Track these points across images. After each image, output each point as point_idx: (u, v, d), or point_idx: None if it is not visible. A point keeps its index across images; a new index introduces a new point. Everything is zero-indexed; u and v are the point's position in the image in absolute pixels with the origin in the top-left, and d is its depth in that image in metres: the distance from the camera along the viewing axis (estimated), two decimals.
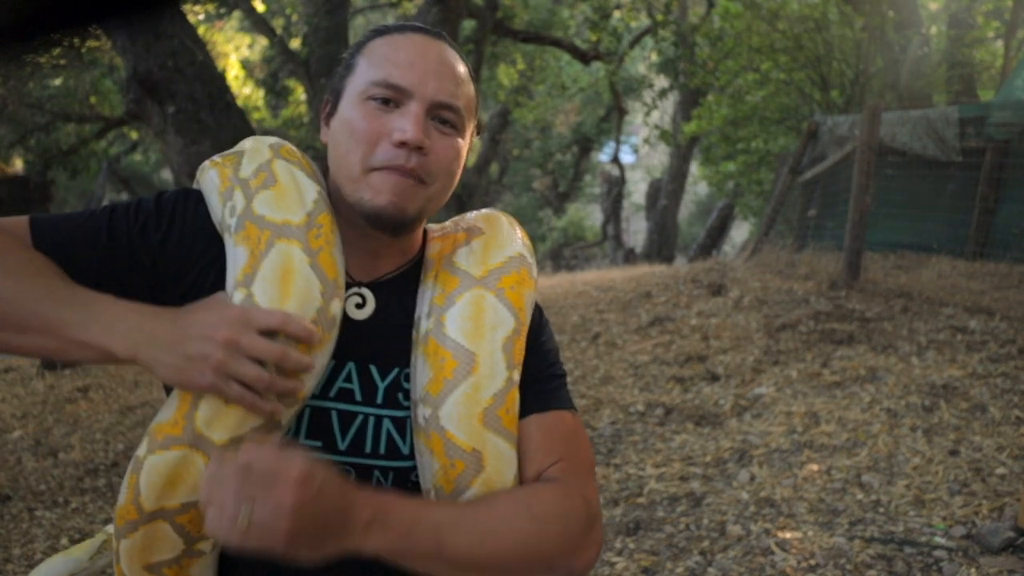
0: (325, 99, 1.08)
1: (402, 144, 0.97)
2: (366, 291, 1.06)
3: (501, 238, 1.10)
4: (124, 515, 0.94)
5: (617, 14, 10.39)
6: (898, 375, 3.92)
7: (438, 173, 1.01)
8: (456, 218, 1.16)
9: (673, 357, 4.78)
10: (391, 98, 0.99)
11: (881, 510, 2.84)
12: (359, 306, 1.04)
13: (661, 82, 13.67)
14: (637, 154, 25.06)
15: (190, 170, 5.38)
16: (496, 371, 0.99)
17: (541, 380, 1.06)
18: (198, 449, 0.91)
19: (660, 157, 22.79)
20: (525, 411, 1.03)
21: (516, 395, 1.01)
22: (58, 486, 3.72)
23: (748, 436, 3.59)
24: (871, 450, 3.26)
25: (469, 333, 1.00)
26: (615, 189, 17.73)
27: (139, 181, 17.07)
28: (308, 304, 0.93)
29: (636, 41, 13.26)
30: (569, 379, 4.59)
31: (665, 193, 16.29)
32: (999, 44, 9.40)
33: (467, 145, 1.07)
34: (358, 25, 14.30)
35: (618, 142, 16.62)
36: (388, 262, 1.08)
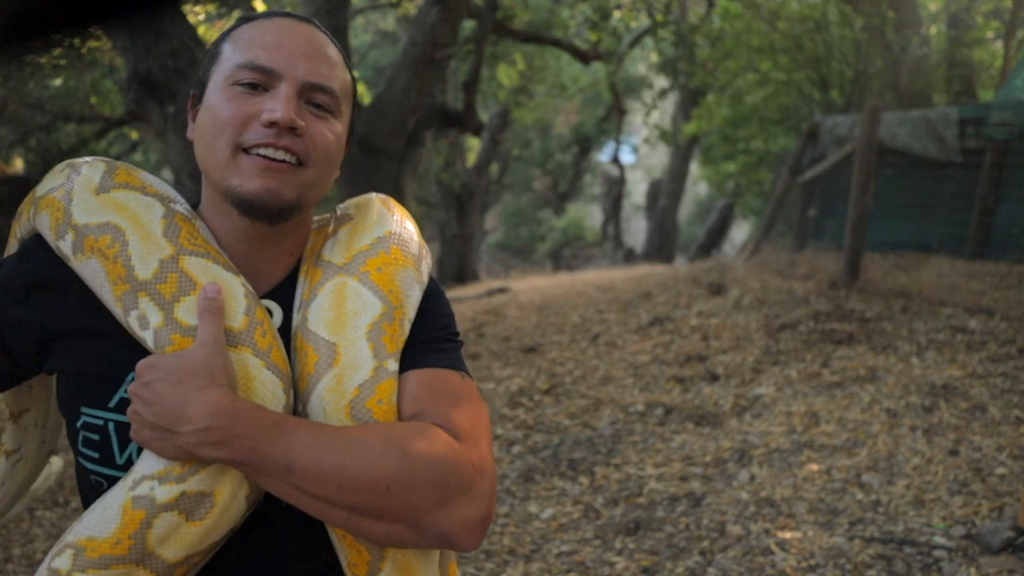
0: (191, 93, 1.01)
1: (272, 124, 0.91)
2: (269, 302, 1.00)
3: (369, 221, 1.04)
4: None
5: (617, 14, 10.38)
6: (898, 375, 3.92)
7: (316, 157, 0.95)
8: (337, 207, 1.10)
9: (673, 357, 4.78)
10: (259, 82, 0.93)
11: (881, 510, 2.85)
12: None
13: (661, 82, 13.67)
14: (637, 154, 25.06)
15: (190, 170, 5.38)
16: (360, 361, 0.93)
17: (423, 343, 0.99)
18: (145, 567, 0.87)
19: (660, 157, 22.79)
20: (403, 370, 0.96)
21: (392, 385, 0.94)
22: (58, 486, 3.72)
23: (748, 436, 3.59)
24: (871, 450, 3.26)
25: (330, 323, 0.94)
26: (615, 189, 17.74)
27: None
28: (274, 405, 0.91)
29: (636, 41, 13.25)
30: (569, 379, 4.61)
31: (665, 193, 16.29)
32: (999, 44, 9.39)
33: (344, 134, 1.01)
34: (358, 25, 14.30)
35: (618, 142, 16.62)
36: (279, 265, 1.02)
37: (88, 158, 1.02)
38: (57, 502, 3.60)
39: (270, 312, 0.99)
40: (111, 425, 0.94)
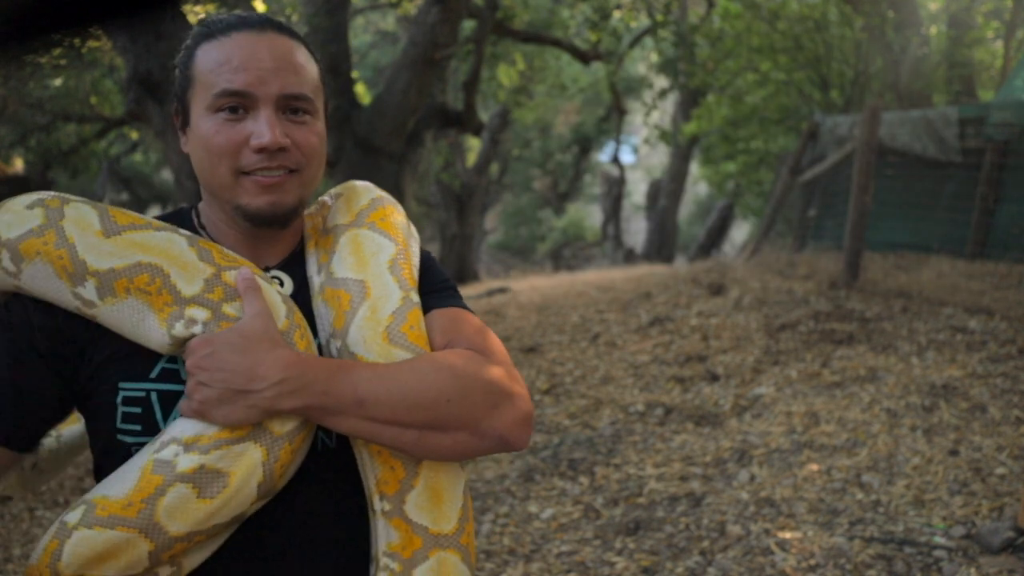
0: (175, 107, 1.08)
1: (262, 150, 0.99)
2: (280, 272, 1.10)
3: (359, 191, 1.16)
4: (33, 574, 0.92)
5: (617, 14, 10.38)
6: (898, 375, 3.92)
7: (306, 161, 1.04)
8: (325, 195, 1.21)
9: (673, 357, 4.78)
10: (238, 105, 1.00)
11: (881, 510, 2.85)
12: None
13: (661, 82, 13.67)
14: (637, 154, 25.05)
15: (190, 170, 5.37)
16: (389, 291, 1.04)
17: (437, 291, 1.12)
18: (147, 536, 0.89)
19: (660, 157, 22.79)
20: (426, 311, 1.08)
21: (419, 314, 1.05)
22: (58, 486, 3.72)
23: (748, 436, 3.59)
24: (871, 450, 3.26)
25: (354, 266, 1.05)
26: (615, 189, 17.73)
27: (139, 181, 17.07)
28: None
29: (636, 41, 13.25)
30: (569, 379, 4.62)
31: (665, 193, 16.28)
32: (999, 44, 9.39)
33: (324, 123, 1.09)
34: (358, 25, 14.30)
35: (618, 142, 16.62)
36: (282, 246, 1.12)
37: (48, 194, 0.98)
38: (57, 502, 3.60)
39: (281, 282, 1.09)
40: (153, 395, 0.99)
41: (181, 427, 0.93)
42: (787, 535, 2.74)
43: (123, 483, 0.91)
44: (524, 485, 3.47)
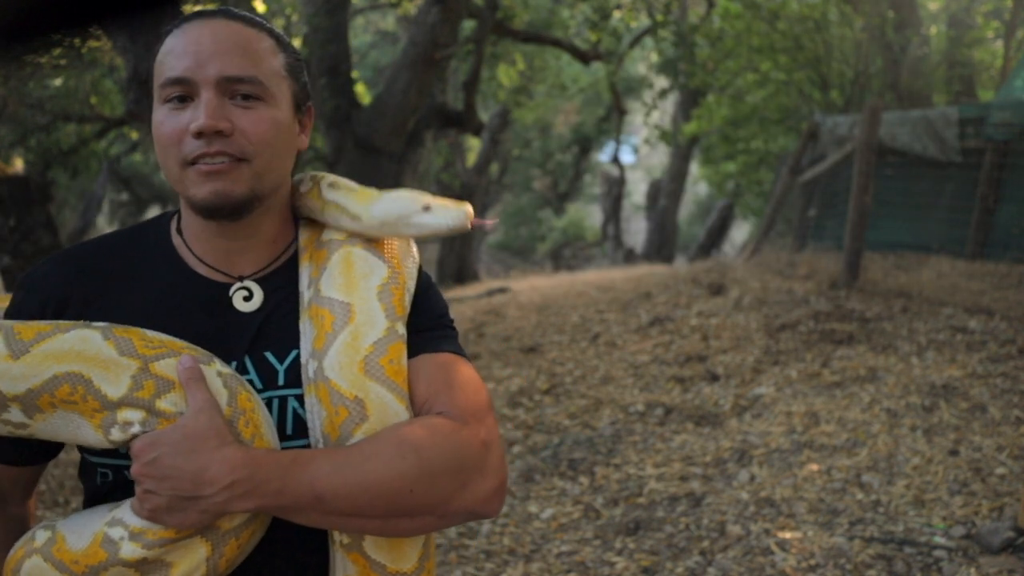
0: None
1: (199, 134, 0.95)
2: (251, 283, 1.05)
3: None
4: (3, 568, 0.96)
5: (617, 14, 10.38)
6: (898, 375, 3.92)
7: (255, 149, 0.98)
8: None
9: (673, 357, 4.78)
10: (184, 93, 0.97)
11: (881, 510, 2.85)
12: (247, 299, 1.04)
13: (661, 82, 13.66)
14: (637, 154, 25.05)
15: None
16: (374, 319, 1.00)
17: (430, 329, 1.07)
18: None
19: (660, 157, 22.78)
20: (414, 353, 1.03)
21: (402, 348, 1.01)
22: (58, 486, 3.72)
23: (748, 436, 3.59)
24: (871, 450, 3.26)
25: (342, 287, 1.01)
26: (615, 189, 17.72)
27: (139, 181, 17.06)
28: None
29: (636, 41, 13.24)
30: (569, 379, 4.62)
31: (665, 193, 16.28)
32: (999, 44, 9.39)
33: (288, 113, 1.02)
34: (358, 25, 14.30)
35: (618, 142, 16.61)
36: (261, 254, 1.07)
37: None
38: (57, 502, 3.60)
39: (250, 292, 1.04)
40: None
41: (131, 515, 0.92)
42: (787, 535, 2.74)
43: (79, 537, 0.92)
44: (524, 485, 3.47)
